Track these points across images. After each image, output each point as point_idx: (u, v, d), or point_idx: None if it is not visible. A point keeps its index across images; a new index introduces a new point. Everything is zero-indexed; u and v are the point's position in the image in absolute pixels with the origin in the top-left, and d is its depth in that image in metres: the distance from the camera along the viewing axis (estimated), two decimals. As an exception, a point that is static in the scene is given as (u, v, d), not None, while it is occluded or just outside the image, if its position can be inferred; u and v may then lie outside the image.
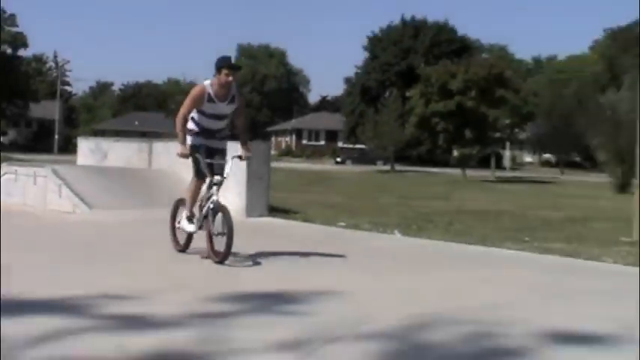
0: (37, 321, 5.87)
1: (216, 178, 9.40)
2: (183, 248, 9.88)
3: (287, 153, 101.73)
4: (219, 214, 9.10)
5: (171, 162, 17.73)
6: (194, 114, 9.56)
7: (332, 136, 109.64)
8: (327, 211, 18.18)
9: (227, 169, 9.56)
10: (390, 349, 5.55)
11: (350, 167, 74.83)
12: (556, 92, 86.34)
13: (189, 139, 9.55)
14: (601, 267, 10.69)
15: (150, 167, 17.87)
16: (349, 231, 14.22)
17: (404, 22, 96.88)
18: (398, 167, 68.17)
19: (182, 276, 8.42)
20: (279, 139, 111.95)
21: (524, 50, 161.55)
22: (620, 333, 6.28)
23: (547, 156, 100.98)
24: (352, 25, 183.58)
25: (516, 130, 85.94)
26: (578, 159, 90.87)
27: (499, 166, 77.73)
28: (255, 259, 9.45)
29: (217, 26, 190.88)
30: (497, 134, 65.02)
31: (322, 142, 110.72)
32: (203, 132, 9.59)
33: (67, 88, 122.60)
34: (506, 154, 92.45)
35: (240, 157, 9.87)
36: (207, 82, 9.44)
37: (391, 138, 67.51)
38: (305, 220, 15.98)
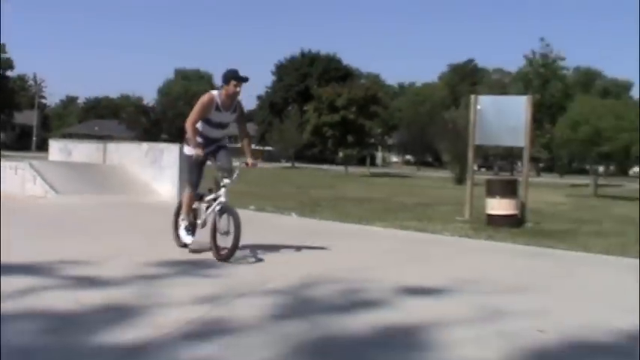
0: (11, 281, 5.71)
1: (225, 181, 7.68)
2: (181, 245, 8.16)
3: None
4: (226, 214, 7.46)
5: (120, 158, 17.55)
6: (198, 124, 7.84)
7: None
8: (242, 198, 18.00)
9: (234, 175, 7.79)
10: (283, 302, 5.56)
11: (260, 164, 74.24)
12: (414, 110, 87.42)
13: (188, 150, 7.92)
14: (442, 239, 10.92)
15: (104, 163, 17.62)
16: (258, 213, 14.18)
17: (302, 54, 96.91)
18: (297, 164, 68.17)
19: (126, 246, 8.26)
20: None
21: (392, 78, 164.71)
22: (452, 286, 6.44)
23: (408, 157, 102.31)
24: (264, 55, 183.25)
25: (386, 137, 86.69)
26: (430, 159, 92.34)
27: (373, 164, 78.61)
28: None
29: (158, 53, 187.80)
30: (372, 140, 65.64)
31: (239, 145, 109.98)
32: (207, 142, 7.89)
33: (43, 100, 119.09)
34: (379, 155, 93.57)
35: (247, 164, 8.17)
36: (215, 92, 7.83)
37: (292, 142, 67.72)
38: (224, 204, 15.89)
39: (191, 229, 7.96)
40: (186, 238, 7.94)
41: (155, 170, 16.18)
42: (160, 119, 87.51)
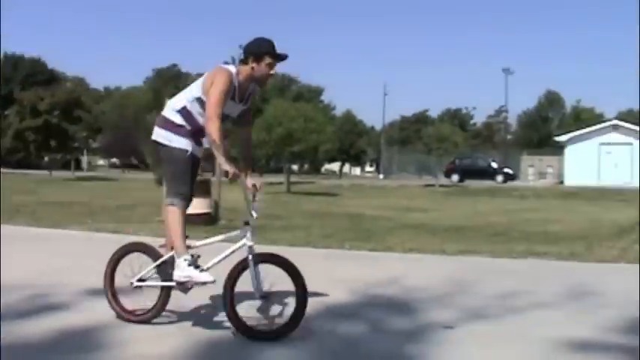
0: None
1: (253, 217, 4.85)
2: (150, 315, 4.99)
3: None
4: (259, 268, 4.79)
5: None
6: (189, 104, 4.90)
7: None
8: None
9: (254, 211, 4.91)
10: None
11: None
12: (119, 113, 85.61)
13: (179, 141, 4.95)
14: (137, 240, 10.85)
15: None
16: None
17: (5, 56, 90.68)
18: (1, 170, 63.67)
19: None
20: None
21: (98, 81, 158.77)
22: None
23: (114, 160, 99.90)
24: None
25: (90, 140, 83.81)
26: (136, 162, 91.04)
27: (78, 167, 75.76)
28: None
29: None
30: (76, 144, 63.08)
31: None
32: (197, 132, 4.97)
33: None
34: (84, 158, 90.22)
35: (255, 187, 4.99)
36: (232, 69, 4.83)
37: (-8, 148, 63.34)
38: None
39: (195, 263, 4.95)
40: (203, 277, 4.85)
41: None
42: None
